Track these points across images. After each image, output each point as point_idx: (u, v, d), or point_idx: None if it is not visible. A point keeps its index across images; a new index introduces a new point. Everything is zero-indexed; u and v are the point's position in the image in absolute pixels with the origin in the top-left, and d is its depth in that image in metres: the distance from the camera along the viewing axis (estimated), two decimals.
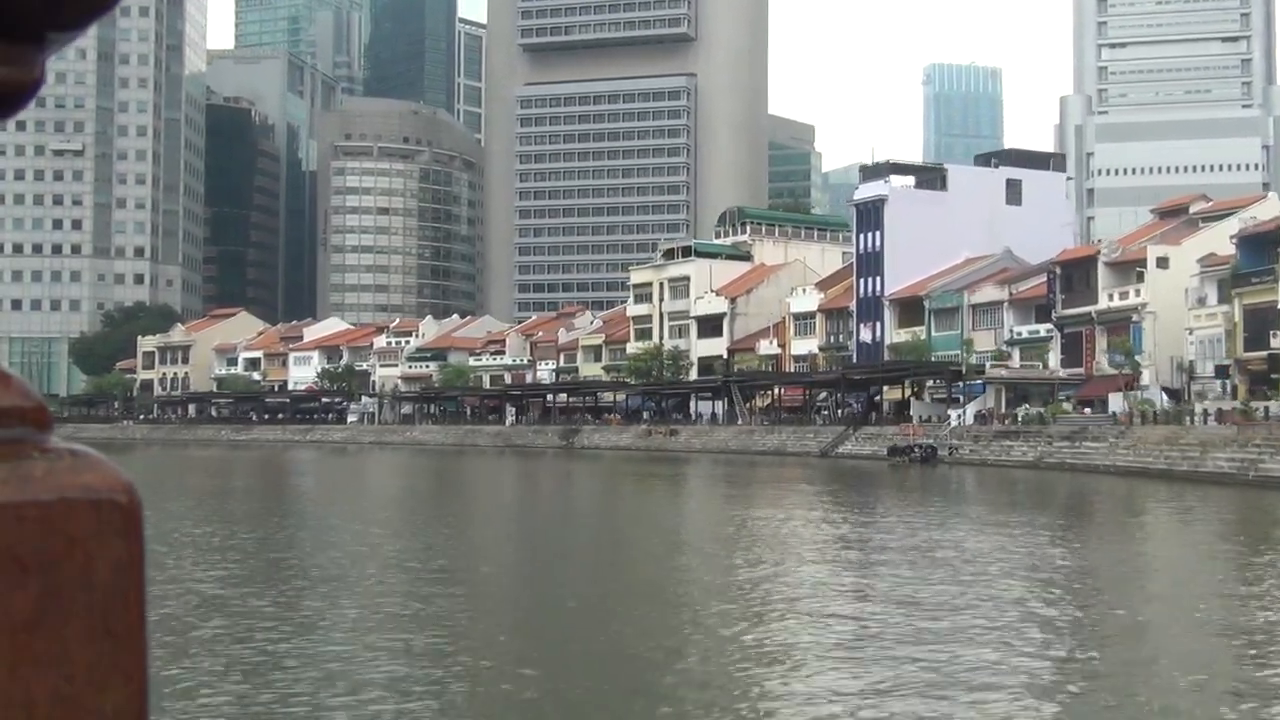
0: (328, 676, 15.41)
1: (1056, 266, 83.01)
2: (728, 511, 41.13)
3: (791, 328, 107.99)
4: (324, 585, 23.73)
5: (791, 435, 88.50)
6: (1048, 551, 29.45)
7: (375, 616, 20.13)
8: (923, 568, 26.00)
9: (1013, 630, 18.80)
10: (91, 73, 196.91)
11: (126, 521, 0.87)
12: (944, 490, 52.70)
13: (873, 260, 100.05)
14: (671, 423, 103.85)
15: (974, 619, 19.72)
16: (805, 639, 18.42)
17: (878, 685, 15.05)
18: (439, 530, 35.78)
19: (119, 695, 0.85)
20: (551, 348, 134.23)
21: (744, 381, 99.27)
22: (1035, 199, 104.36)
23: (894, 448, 70.32)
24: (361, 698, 14.47)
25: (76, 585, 0.84)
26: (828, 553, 29.64)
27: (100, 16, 0.94)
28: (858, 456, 76.96)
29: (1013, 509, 42.15)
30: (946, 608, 20.72)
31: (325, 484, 63.80)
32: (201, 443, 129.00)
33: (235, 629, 18.84)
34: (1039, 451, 62.68)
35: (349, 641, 17.84)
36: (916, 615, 19.91)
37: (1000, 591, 22.82)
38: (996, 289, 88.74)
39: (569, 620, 20.29)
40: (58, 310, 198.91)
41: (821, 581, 24.41)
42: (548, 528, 38.44)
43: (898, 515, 39.28)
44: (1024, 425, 67.27)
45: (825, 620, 19.91)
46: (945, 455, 67.43)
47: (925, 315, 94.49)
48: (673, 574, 26.19)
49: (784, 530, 34.70)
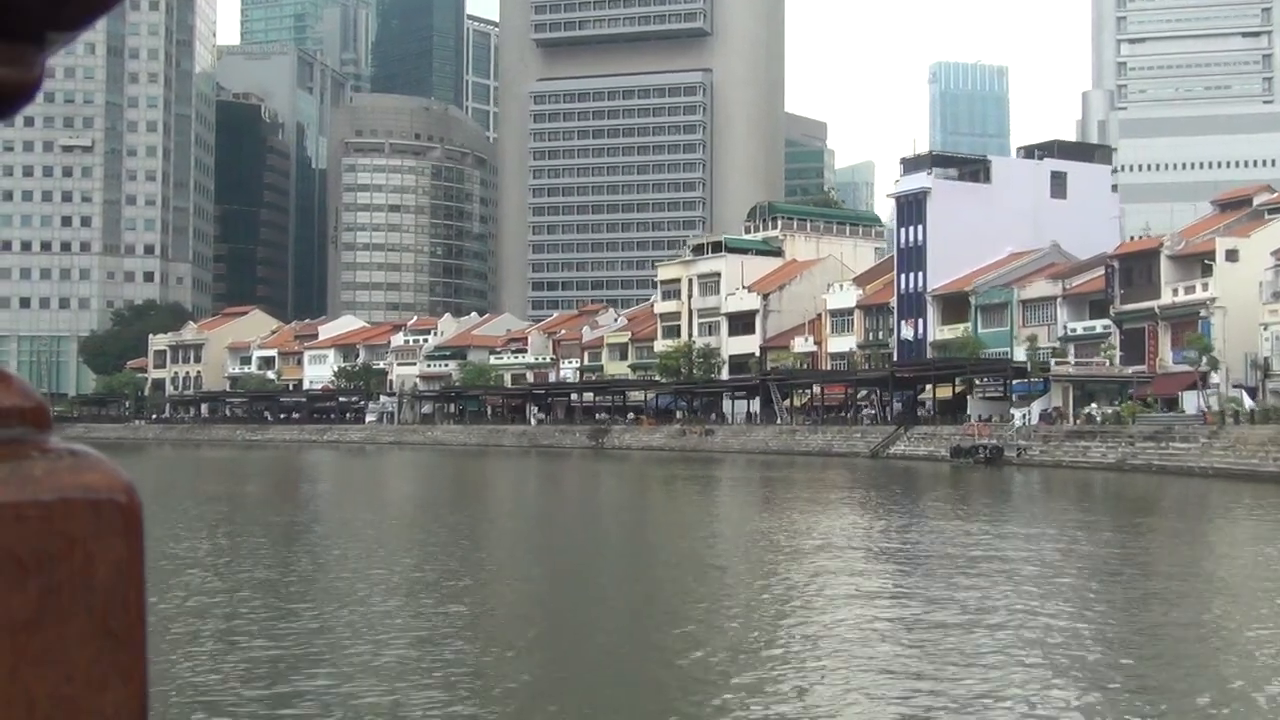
0: (340, 699, 14.53)
1: (1114, 260, 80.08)
2: (793, 519, 37.87)
3: (828, 324, 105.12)
4: (335, 601, 21.69)
5: (837, 435, 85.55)
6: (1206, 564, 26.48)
7: (396, 636, 18.22)
8: (1053, 586, 23.03)
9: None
10: (101, 67, 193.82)
11: (126, 521, 0.87)
12: (1028, 495, 49.76)
13: (915, 255, 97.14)
14: (707, 422, 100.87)
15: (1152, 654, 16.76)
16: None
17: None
18: (472, 542, 32.80)
19: (118, 695, 0.85)
20: (575, 346, 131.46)
21: (784, 380, 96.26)
22: (1080, 192, 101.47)
23: (957, 448, 67.32)
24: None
25: (76, 585, 0.83)
26: (923, 567, 26.48)
27: (100, 17, 0.93)
28: (912, 457, 74.02)
29: (1121, 514, 39.15)
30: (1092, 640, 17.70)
31: (346, 487, 60.88)
32: (216, 443, 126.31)
33: (237, 648, 17.31)
34: (1120, 453, 59.53)
35: (363, 669, 16.30)
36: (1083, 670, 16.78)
37: (1173, 619, 19.82)
38: (1049, 284, 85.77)
39: (604, 650, 17.97)
40: (67, 308, 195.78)
41: (911, 604, 21.33)
42: (592, 538, 35.00)
43: (989, 523, 36.19)
44: (1100, 425, 64.08)
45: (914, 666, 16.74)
46: (1013, 456, 64.47)
47: (971, 311, 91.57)
48: (742, 594, 23.13)
49: (861, 538, 31.63)
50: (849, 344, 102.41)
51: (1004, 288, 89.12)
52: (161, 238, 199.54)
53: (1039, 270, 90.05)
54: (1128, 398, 68.39)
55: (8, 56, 0.88)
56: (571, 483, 63.02)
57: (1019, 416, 71.23)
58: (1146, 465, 56.97)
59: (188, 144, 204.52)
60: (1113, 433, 62.09)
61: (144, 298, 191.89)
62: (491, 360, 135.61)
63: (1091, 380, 72.51)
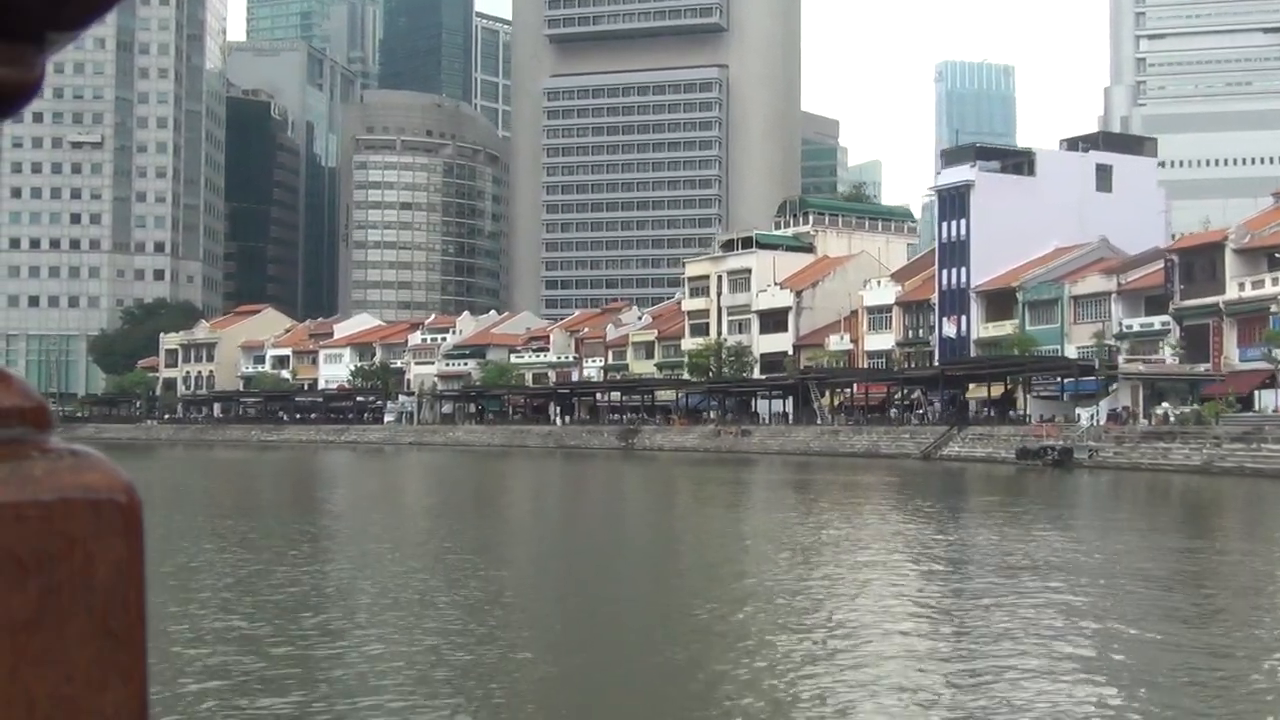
0: (341, 700, 13.96)
1: (1174, 254, 77.23)
2: (869, 528, 35.04)
3: (865, 322, 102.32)
4: (343, 604, 20.19)
5: (884, 435, 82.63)
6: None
7: (414, 658, 16.52)
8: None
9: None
10: (110, 63, 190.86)
11: (126, 521, 0.86)
12: (1122, 500, 46.88)
13: (957, 250, 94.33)
14: (742, 422, 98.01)
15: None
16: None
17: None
18: (521, 548, 29.98)
19: (118, 695, 0.85)
20: (599, 344, 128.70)
21: (824, 378, 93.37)
22: (1125, 185, 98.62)
23: (1024, 449, 64.41)
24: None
25: (76, 585, 0.83)
26: (1047, 579, 23.72)
27: (100, 17, 0.93)
28: (968, 459, 71.06)
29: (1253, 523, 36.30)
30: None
31: (372, 487, 57.99)
32: (231, 443, 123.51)
33: (243, 667, 15.87)
34: (1205, 455, 56.59)
35: (368, 671, 15.50)
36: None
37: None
38: (1102, 279, 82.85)
39: (625, 670, 16.34)
40: (76, 307, 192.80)
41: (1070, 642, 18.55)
42: (646, 547, 31.75)
43: (1098, 533, 33.37)
44: (1179, 425, 61.18)
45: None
46: (1084, 458, 61.63)
47: (1018, 308, 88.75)
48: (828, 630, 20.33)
49: (961, 552, 28.71)
50: (887, 342, 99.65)
51: (1054, 283, 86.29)
52: (172, 235, 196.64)
53: (1089, 265, 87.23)
54: (1199, 397, 65.57)
55: (8, 56, 0.87)
56: (612, 487, 59.26)
57: (1086, 417, 68.35)
58: (1238, 468, 54.07)
59: (198, 140, 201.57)
60: (1195, 434, 59.19)
61: (154, 296, 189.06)
62: (512, 359, 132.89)
63: (1162, 378, 69.59)
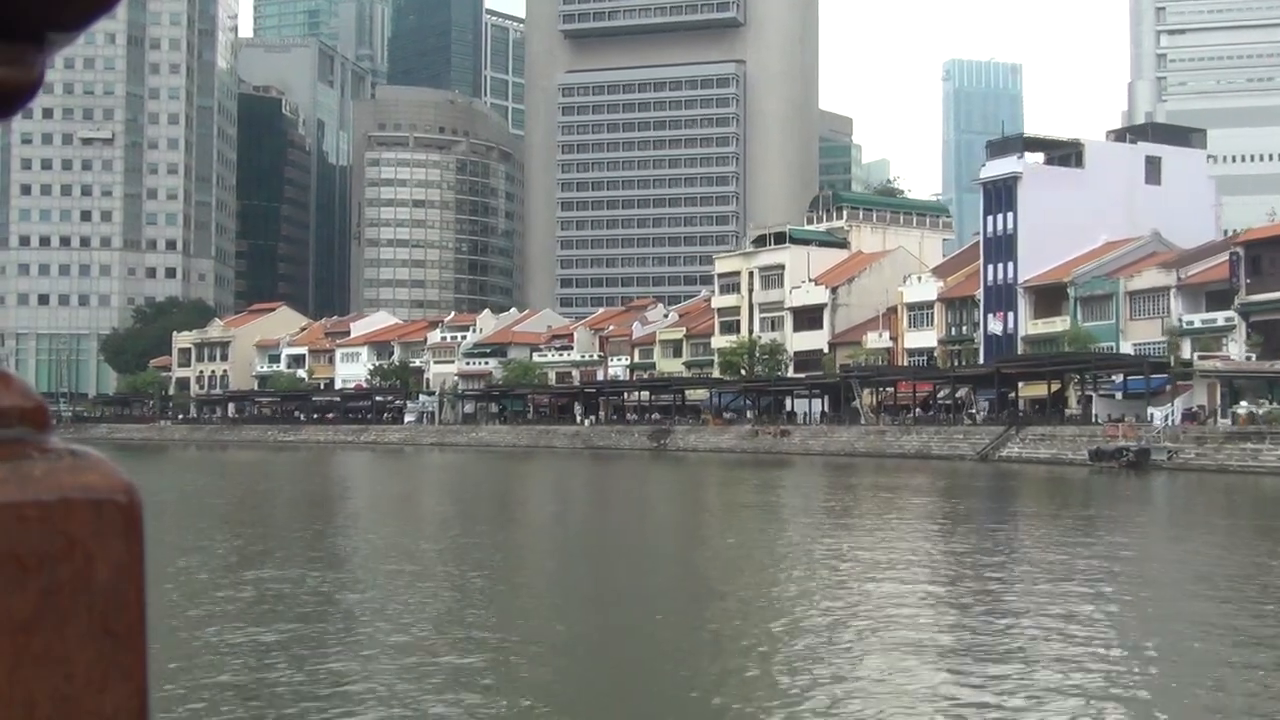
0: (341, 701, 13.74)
1: (1240, 247, 74.38)
2: (955, 538, 32.17)
3: (905, 318, 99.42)
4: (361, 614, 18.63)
5: (935, 436, 79.67)
6: None
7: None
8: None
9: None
10: (121, 58, 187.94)
11: (126, 522, 0.86)
12: (1225, 508, 43.98)
13: (1004, 244, 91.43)
14: (779, 422, 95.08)
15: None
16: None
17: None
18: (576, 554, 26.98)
19: (119, 695, 0.85)
20: (624, 343, 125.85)
21: (867, 377, 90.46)
22: (1175, 178, 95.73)
23: (1098, 450, 61.53)
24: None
25: (76, 585, 0.83)
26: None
27: (100, 17, 0.93)
28: (1030, 460, 68.16)
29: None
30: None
31: (403, 489, 55.22)
32: (247, 444, 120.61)
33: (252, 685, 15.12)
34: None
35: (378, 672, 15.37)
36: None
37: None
38: (1160, 273, 79.98)
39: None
40: (86, 305, 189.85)
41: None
42: (702, 559, 27.99)
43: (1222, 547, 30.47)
44: (1267, 425, 58.31)
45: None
46: (1162, 460, 58.78)
47: (1070, 304, 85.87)
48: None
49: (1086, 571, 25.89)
50: (929, 339, 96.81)
51: (1108, 278, 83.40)
52: (184, 233, 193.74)
53: (1144, 259, 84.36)
54: (1278, 395, 62.74)
55: (8, 56, 0.87)
56: (652, 493, 54.34)
57: (1160, 416, 65.50)
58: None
59: (210, 137, 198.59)
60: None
61: (165, 294, 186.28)
62: (535, 358, 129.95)
63: (1241, 376, 66.72)
